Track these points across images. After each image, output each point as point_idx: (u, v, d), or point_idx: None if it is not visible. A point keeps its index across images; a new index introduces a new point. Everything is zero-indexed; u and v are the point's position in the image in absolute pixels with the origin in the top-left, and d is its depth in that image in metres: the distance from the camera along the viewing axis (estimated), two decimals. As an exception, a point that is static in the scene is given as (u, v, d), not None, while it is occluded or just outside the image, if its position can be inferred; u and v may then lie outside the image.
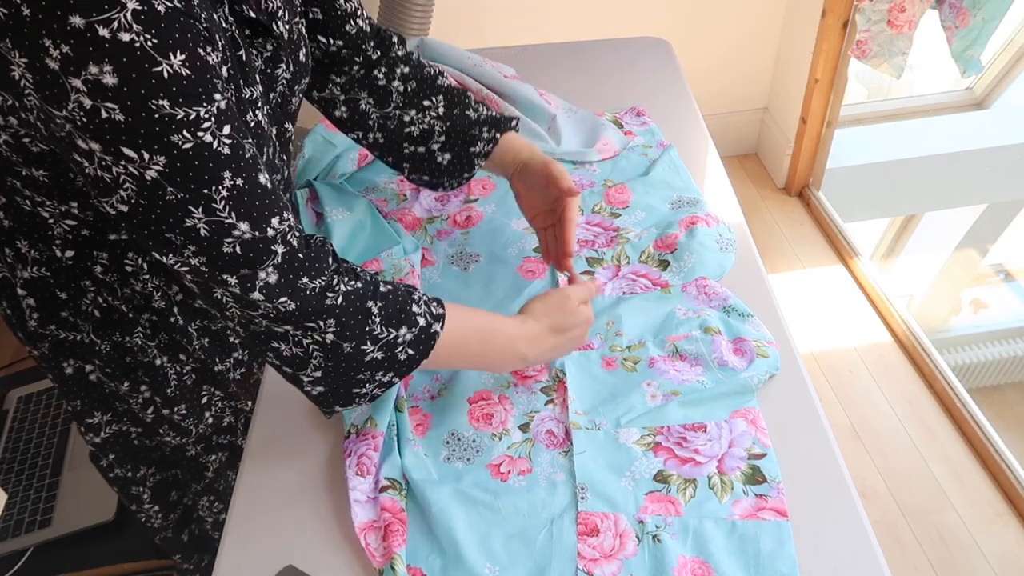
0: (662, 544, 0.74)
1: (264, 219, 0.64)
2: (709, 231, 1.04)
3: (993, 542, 1.64)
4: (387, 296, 0.73)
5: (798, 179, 2.47)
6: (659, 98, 1.34)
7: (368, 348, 0.72)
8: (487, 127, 0.97)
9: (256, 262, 0.64)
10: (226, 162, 0.60)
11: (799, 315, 2.15)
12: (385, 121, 0.97)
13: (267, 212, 0.64)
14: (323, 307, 0.69)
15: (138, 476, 1.01)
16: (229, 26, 0.66)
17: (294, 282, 0.67)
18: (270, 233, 0.65)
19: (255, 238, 0.64)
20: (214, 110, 0.59)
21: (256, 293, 0.66)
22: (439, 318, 0.76)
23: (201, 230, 0.62)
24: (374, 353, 0.72)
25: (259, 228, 0.64)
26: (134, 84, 0.54)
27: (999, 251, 2.96)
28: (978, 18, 1.80)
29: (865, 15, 1.92)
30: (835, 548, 0.74)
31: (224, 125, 0.60)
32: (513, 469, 0.81)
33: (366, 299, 0.71)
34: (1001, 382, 2.55)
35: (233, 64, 0.66)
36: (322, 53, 0.93)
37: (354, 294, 0.70)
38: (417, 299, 0.75)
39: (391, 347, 0.73)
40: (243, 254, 0.64)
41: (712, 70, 2.43)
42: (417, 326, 0.74)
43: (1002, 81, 2.77)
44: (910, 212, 2.94)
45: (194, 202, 0.60)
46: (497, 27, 2.19)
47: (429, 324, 0.75)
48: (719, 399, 0.85)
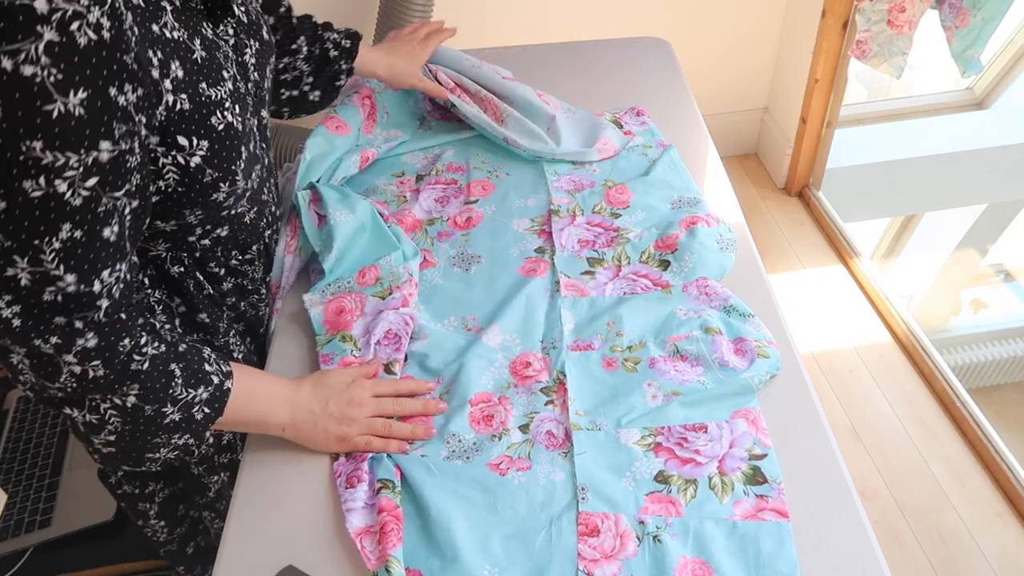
0: (663, 544, 0.74)
1: (94, 272, 0.61)
2: (709, 231, 1.04)
3: (993, 542, 1.64)
4: (185, 356, 0.72)
5: (798, 179, 2.47)
6: (659, 98, 1.34)
7: (168, 410, 0.71)
8: (344, 60, 1.07)
9: (75, 311, 0.62)
10: (70, 214, 0.57)
11: (799, 315, 2.15)
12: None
13: (99, 265, 0.62)
14: (128, 372, 0.67)
15: (146, 492, 1.00)
16: (180, 29, 0.65)
17: (113, 345, 0.65)
18: (96, 287, 0.62)
19: (79, 291, 0.61)
20: (88, 160, 0.56)
21: (69, 356, 0.63)
22: (228, 375, 0.76)
23: (23, 279, 0.58)
24: (173, 415, 0.71)
25: (86, 281, 0.61)
26: (15, 121, 0.52)
27: (999, 251, 2.96)
28: (978, 18, 1.80)
29: (865, 15, 1.92)
30: (835, 548, 0.74)
31: (90, 177, 0.57)
32: (512, 467, 0.81)
33: (169, 361, 0.70)
34: (1001, 382, 2.55)
35: (185, 72, 0.65)
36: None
37: (160, 358, 0.69)
38: (207, 356, 0.75)
39: (188, 407, 0.72)
40: (63, 303, 0.61)
41: (712, 70, 2.43)
42: (212, 384, 0.74)
43: (1002, 81, 2.77)
44: (910, 212, 2.94)
45: (21, 251, 0.57)
46: (497, 27, 2.18)
47: (222, 381, 0.75)
48: (720, 399, 0.85)
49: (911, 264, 2.99)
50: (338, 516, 0.79)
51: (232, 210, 0.79)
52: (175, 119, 0.65)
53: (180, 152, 0.67)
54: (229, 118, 0.71)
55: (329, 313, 0.96)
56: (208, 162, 0.69)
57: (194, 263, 0.83)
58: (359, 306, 0.97)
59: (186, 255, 0.81)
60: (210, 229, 0.79)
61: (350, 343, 0.93)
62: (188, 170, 0.68)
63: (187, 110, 0.65)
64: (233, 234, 0.83)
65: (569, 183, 1.16)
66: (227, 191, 0.74)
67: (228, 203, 0.76)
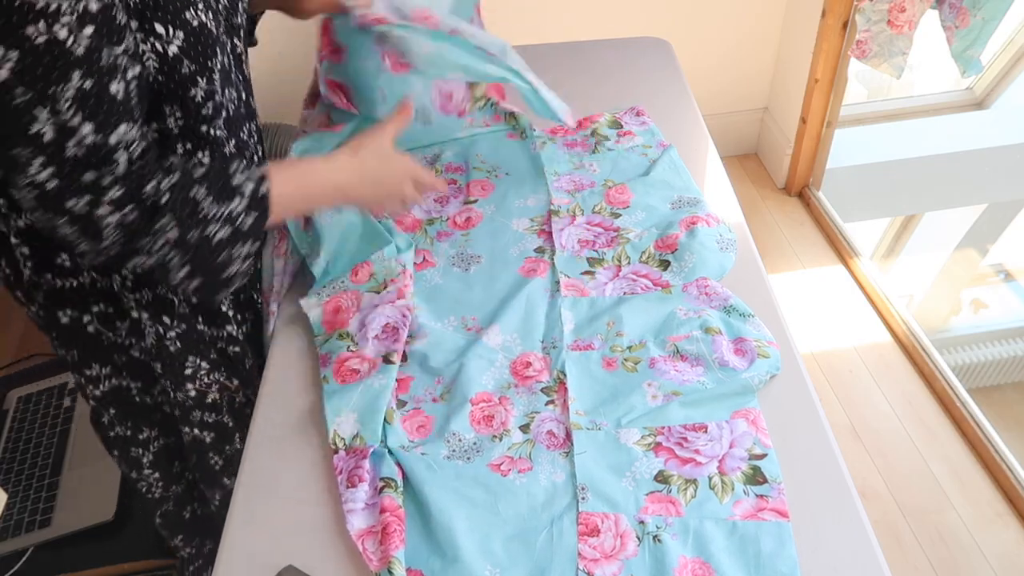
0: (663, 544, 0.74)
1: (109, 124, 0.66)
2: (709, 231, 1.04)
3: (993, 542, 1.64)
4: (207, 177, 0.75)
5: (798, 179, 2.47)
6: (659, 98, 1.34)
7: (213, 229, 0.74)
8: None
9: (100, 165, 0.66)
10: (77, 62, 0.62)
11: (799, 315, 2.15)
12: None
13: (114, 118, 0.66)
14: (157, 208, 0.71)
15: (140, 438, 1.00)
16: None
17: (137, 192, 0.69)
18: (113, 140, 0.66)
19: (97, 143, 0.65)
20: (79, 8, 0.60)
21: (102, 209, 0.68)
22: (262, 179, 0.78)
23: (46, 133, 0.63)
24: (219, 232, 0.75)
25: (104, 131, 0.65)
26: None
27: (999, 251, 2.96)
28: (978, 18, 1.80)
29: (865, 15, 1.92)
30: (835, 548, 0.74)
31: (86, 25, 0.61)
32: (513, 468, 0.81)
33: (188, 187, 0.73)
34: (1001, 382, 2.55)
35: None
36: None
37: (177, 187, 0.72)
38: (234, 170, 0.77)
39: (231, 220, 0.75)
40: (85, 157, 0.65)
41: (712, 70, 2.43)
42: (246, 194, 0.77)
43: (1002, 81, 2.77)
44: (910, 212, 2.94)
45: (41, 101, 0.61)
46: (497, 27, 2.18)
47: (256, 188, 0.78)
48: (720, 399, 0.85)
49: (911, 264, 2.99)
50: (338, 516, 0.79)
51: (211, 128, 0.81)
52: (150, 4, 0.69)
53: (158, 40, 0.71)
54: (203, 18, 0.75)
55: (327, 313, 0.97)
56: (185, 53, 0.73)
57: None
58: (355, 303, 0.97)
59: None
60: (191, 149, 0.82)
61: (347, 340, 0.93)
62: (167, 58, 0.72)
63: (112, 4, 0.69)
64: (212, 163, 0.84)
65: (569, 183, 1.16)
66: (204, 89, 0.77)
67: (207, 109, 0.79)
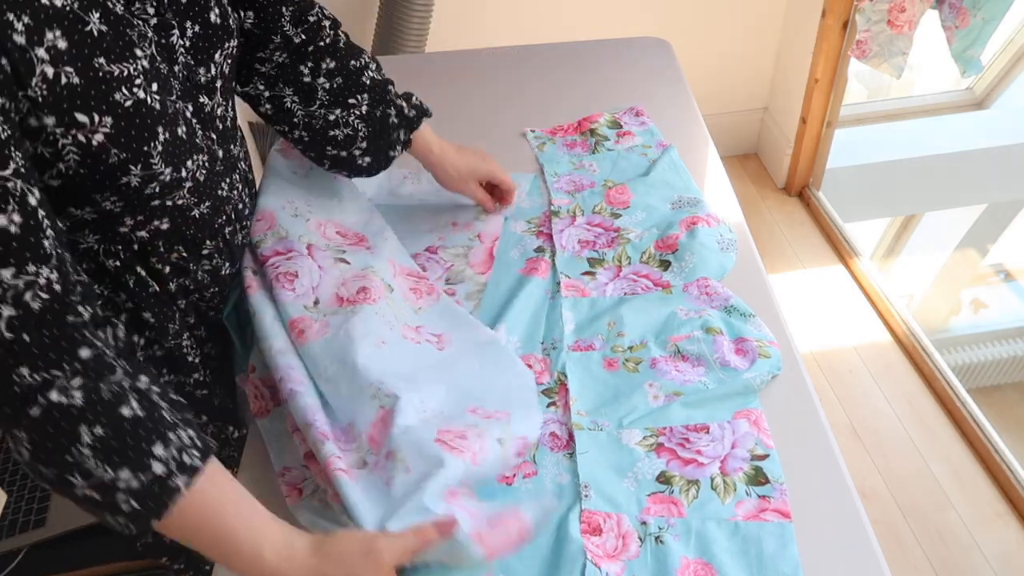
0: (665, 545, 0.74)
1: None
2: (710, 231, 1.04)
3: (993, 542, 1.64)
4: (121, 424, 0.58)
5: (798, 179, 2.47)
6: (659, 98, 1.34)
7: (77, 481, 0.57)
8: (404, 130, 0.99)
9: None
10: None
11: (799, 315, 2.15)
12: (310, 120, 0.95)
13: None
14: (20, 413, 0.55)
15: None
16: (71, 2, 0.60)
17: (7, 371, 0.55)
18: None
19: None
20: None
21: None
22: (189, 470, 0.60)
23: None
24: (86, 491, 0.58)
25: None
26: None
27: (999, 251, 2.96)
28: (978, 18, 1.80)
29: (865, 15, 1.92)
30: (835, 548, 0.74)
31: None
32: (518, 472, 0.81)
33: (79, 422, 0.57)
34: (1001, 382, 2.56)
35: (71, 44, 0.60)
36: (236, 29, 0.84)
37: (62, 411, 0.56)
38: (172, 438, 0.60)
39: (109, 491, 0.58)
40: None
41: (712, 70, 2.43)
42: (149, 472, 0.58)
43: (1002, 81, 2.77)
44: (910, 212, 2.94)
45: None
46: (497, 27, 2.19)
47: (169, 474, 0.59)
48: (721, 400, 0.85)
49: (911, 264, 2.99)
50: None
51: (167, 200, 0.73)
52: (63, 94, 0.59)
53: (80, 130, 0.61)
54: (141, 94, 0.65)
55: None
56: (113, 140, 0.63)
57: (133, 257, 0.77)
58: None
59: (121, 248, 0.75)
60: (143, 220, 0.73)
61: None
62: (90, 149, 0.62)
63: (78, 84, 0.61)
64: (176, 228, 0.78)
65: (569, 183, 1.16)
66: (140, 175, 0.67)
67: (151, 190, 0.69)
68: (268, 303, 0.88)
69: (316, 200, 1.03)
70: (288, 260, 0.91)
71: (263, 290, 0.90)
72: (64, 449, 0.56)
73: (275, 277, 0.89)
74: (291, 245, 0.93)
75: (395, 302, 0.92)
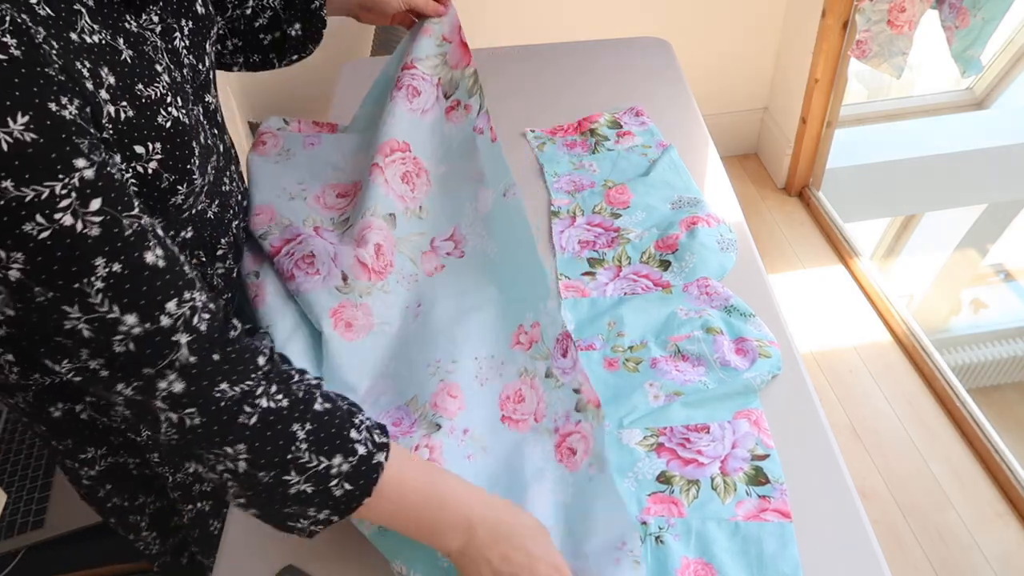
0: (665, 545, 0.74)
1: (155, 306, 0.55)
2: (710, 231, 1.04)
3: (993, 542, 1.64)
4: (321, 417, 0.63)
5: (798, 179, 2.47)
6: (659, 98, 1.34)
7: (292, 478, 0.61)
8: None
9: (156, 359, 0.56)
10: (96, 246, 0.52)
11: (799, 315, 2.15)
12: (234, 25, 0.95)
13: (159, 297, 0.56)
14: (234, 425, 0.58)
15: (136, 504, 0.93)
16: (101, 31, 0.60)
17: (207, 390, 0.58)
18: (165, 322, 0.56)
19: (147, 331, 0.55)
20: (74, 182, 0.51)
21: (159, 401, 0.57)
22: (382, 447, 0.65)
23: (83, 331, 0.54)
24: (301, 485, 0.61)
25: (150, 318, 0.55)
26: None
27: (999, 251, 2.96)
28: (978, 18, 1.80)
29: (865, 15, 1.92)
30: (835, 548, 0.74)
31: (91, 200, 0.52)
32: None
33: (291, 421, 0.61)
34: (1001, 382, 2.56)
35: (117, 77, 0.60)
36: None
37: (275, 413, 0.60)
38: (358, 423, 0.65)
39: (323, 479, 0.62)
40: (138, 351, 0.55)
41: (712, 70, 2.43)
42: (356, 455, 0.63)
43: (1002, 81, 2.77)
44: (910, 212, 2.94)
45: (67, 300, 0.52)
46: (497, 27, 2.18)
47: (371, 453, 0.64)
48: (722, 400, 0.85)
49: (911, 264, 2.99)
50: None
51: (192, 209, 0.73)
52: (124, 129, 0.60)
53: (138, 161, 0.62)
54: (175, 113, 0.65)
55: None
56: (164, 165, 0.64)
57: None
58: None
59: None
60: (173, 235, 0.73)
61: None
62: (146, 177, 0.63)
63: (132, 117, 0.61)
64: (198, 233, 0.78)
65: (569, 183, 1.16)
66: (185, 192, 0.68)
67: (188, 203, 0.70)
68: (284, 309, 0.88)
69: (306, 173, 1.03)
70: (300, 244, 0.92)
71: (277, 296, 0.89)
72: (285, 448, 0.60)
73: (295, 264, 0.89)
74: (297, 231, 0.93)
75: (408, 244, 0.96)
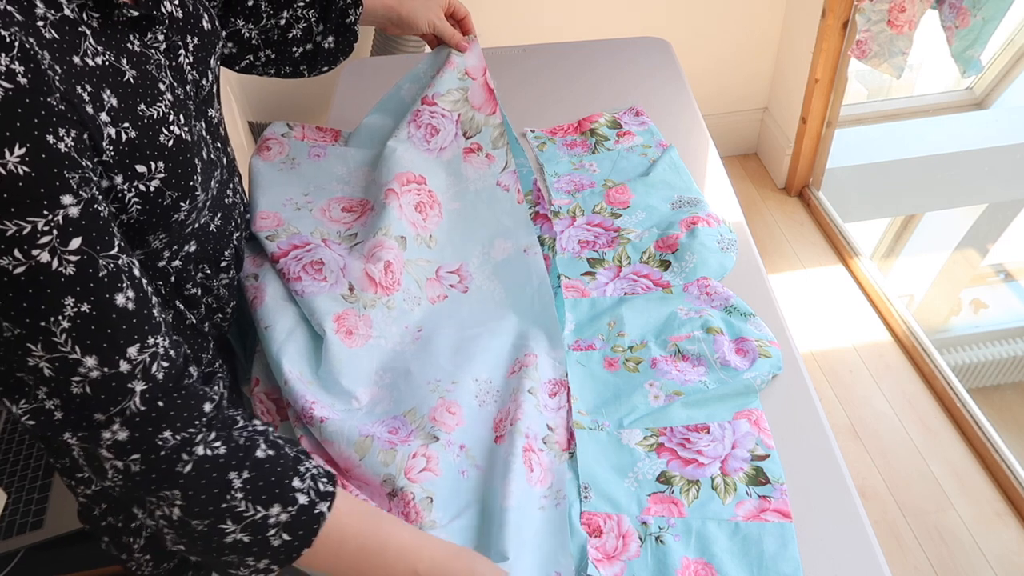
0: (665, 545, 0.74)
1: (117, 350, 0.55)
2: (710, 231, 1.04)
3: (993, 542, 1.64)
4: (262, 465, 0.61)
5: (798, 179, 2.47)
6: (659, 98, 1.34)
7: (228, 527, 0.59)
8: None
9: (109, 404, 0.55)
10: (68, 285, 0.52)
11: (799, 315, 2.15)
12: (267, 35, 0.96)
13: (122, 340, 0.55)
14: (170, 473, 0.58)
15: (132, 526, 0.91)
16: (104, 52, 0.60)
17: (151, 437, 0.57)
18: (124, 368, 0.55)
19: (104, 376, 0.54)
20: (58, 219, 0.50)
21: (103, 450, 0.56)
22: (326, 496, 0.63)
23: (44, 369, 0.53)
24: (237, 535, 0.60)
25: (109, 363, 0.54)
26: None
27: (999, 251, 2.96)
28: (978, 18, 1.80)
29: (865, 15, 1.92)
30: (835, 548, 0.74)
31: (71, 238, 0.51)
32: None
33: (228, 469, 0.59)
34: (1001, 382, 2.55)
35: (120, 98, 0.60)
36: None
37: (211, 461, 0.59)
38: (303, 471, 0.63)
39: (260, 529, 0.60)
40: (93, 395, 0.54)
41: (712, 70, 2.43)
42: (295, 504, 0.61)
43: (1002, 81, 2.77)
44: (910, 212, 2.94)
45: (32, 337, 0.52)
46: (497, 27, 2.18)
47: (312, 503, 0.62)
48: (722, 400, 0.85)
49: (911, 264, 2.99)
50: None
51: (196, 224, 0.73)
52: (126, 150, 0.60)
53: (140, 180, 0.62)
54: (177, 131, 0.65)
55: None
56: (166, 183, 0.64)
57: (171, 290, 0.76)
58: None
59: (161, 283, 0.75)
60: (177, 249, 0.74)
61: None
62: (149, 196, 0.63)
63: (134, 137, 0.61)
64: (201, 247, 0.78)
65: (569, 183, 1.16)
66: (188, 208, 0.68)
67: (192, 219, 0.71)
68: (284, 309, 0.88)
69: (311, 185, 1.03)
70: (308, 252, 0.92)
71: (277, 297, 0.89)
72: (219, 497, 0.59)
73: (303, 268, 0.90)
74: (306, 239, 0.94)
75: (415, 267, 0.95)
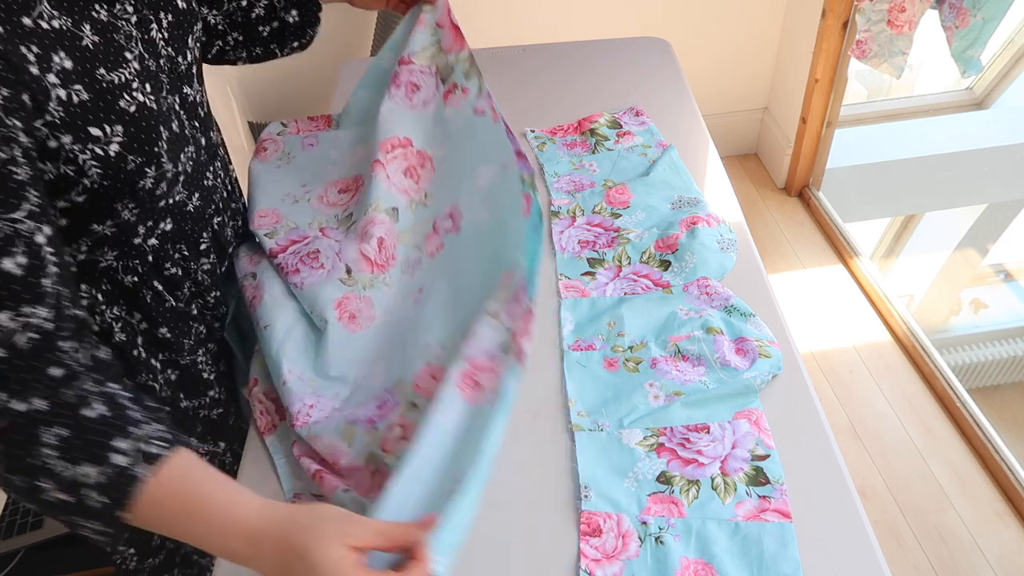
0: (665, 545, 0.74)
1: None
2: (710, 231, 1.04)
3: (993, 542, 1.64)
4: (84, 423, 0.58)
5: (798, 179, 2.47)
6: (659, 98, 1.34)
7: (45, 485, 0.57)
8: None
9: None
10: None
11: (799, 315, 2.15)
12: (232, 19, 0.95)
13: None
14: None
15: None
16: (61, 17, 0.62)
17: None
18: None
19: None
20: None
21: None
22: (152, 459, 0.59)
23: None
24: (57, 493, 0.58)
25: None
26: None
27: (999, 251, 2.96)
28: (978, 18, 1.80)
29: (865, 15, 1.92)
30: (835, 548, 0.74)
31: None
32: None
33: (42, 424, 0.57)
34: (1001, 382, 2.55)
35: (75, 61, 0.62)
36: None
37: (26, 417, 0.57)
38: (135, 433, 0.59)
39: (73, 487, 0.57)
40: None
41: (712, 70, 2.43)
42: (108, 464, 0.58)
43: (1002, 81, 2.77)
44: (910, 212, 2.94)
45: None
46: (497, 27, 2.19)
47: (130, 465, 0.58)
48: (722, 400, 0.85)
49: (911, 264, 2.99)
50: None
51: (169, 199, 0.75)
52: (77, 111, 0.62)
53: (96, 143, 0.63)
54: (140, 98, 0.67)
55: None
56: (127, 147, 0.66)
57: (149, 270, 0.79)
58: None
59: (138, 261, 0.77)
60: (152, 225, 0.75)
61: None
62: (109, 160, 0.65)
63: (87, 100, 0.63)
64: (178, 226, 0.80)
65: (569, 183, 1.16)
66: (154, 176, 0.69)
67: (161, 190, 0.72)
68: (283, 307, 0.88)
69: (308, 174, 1.04)
70: (305, 245, 0.94)
71: (276, 294, 0.90)
72: (26, 452, 0.57)
73: (300, 260, 0.92)
74: (304, 233, 0.96)
75: (413, 234, 0.95)
